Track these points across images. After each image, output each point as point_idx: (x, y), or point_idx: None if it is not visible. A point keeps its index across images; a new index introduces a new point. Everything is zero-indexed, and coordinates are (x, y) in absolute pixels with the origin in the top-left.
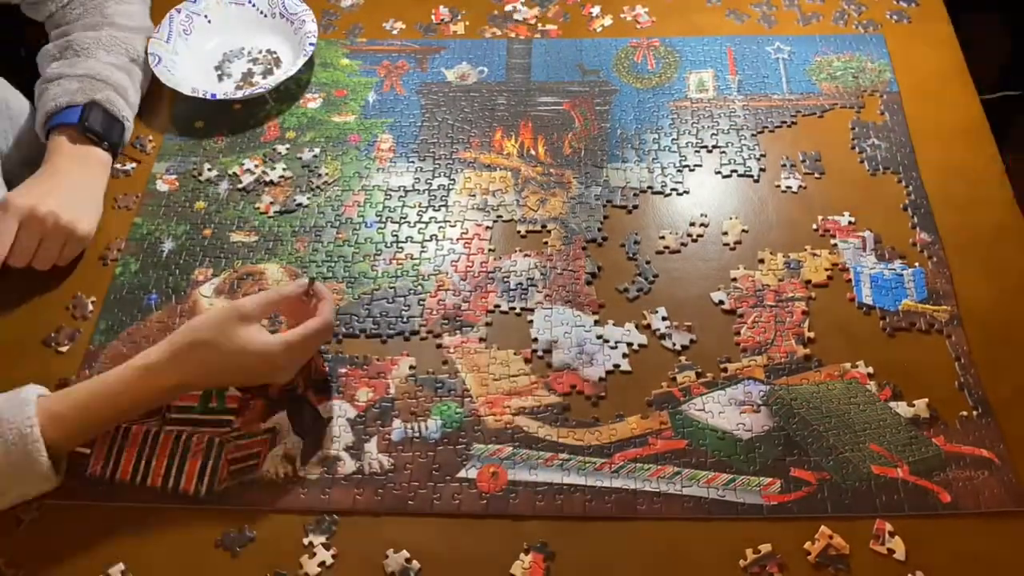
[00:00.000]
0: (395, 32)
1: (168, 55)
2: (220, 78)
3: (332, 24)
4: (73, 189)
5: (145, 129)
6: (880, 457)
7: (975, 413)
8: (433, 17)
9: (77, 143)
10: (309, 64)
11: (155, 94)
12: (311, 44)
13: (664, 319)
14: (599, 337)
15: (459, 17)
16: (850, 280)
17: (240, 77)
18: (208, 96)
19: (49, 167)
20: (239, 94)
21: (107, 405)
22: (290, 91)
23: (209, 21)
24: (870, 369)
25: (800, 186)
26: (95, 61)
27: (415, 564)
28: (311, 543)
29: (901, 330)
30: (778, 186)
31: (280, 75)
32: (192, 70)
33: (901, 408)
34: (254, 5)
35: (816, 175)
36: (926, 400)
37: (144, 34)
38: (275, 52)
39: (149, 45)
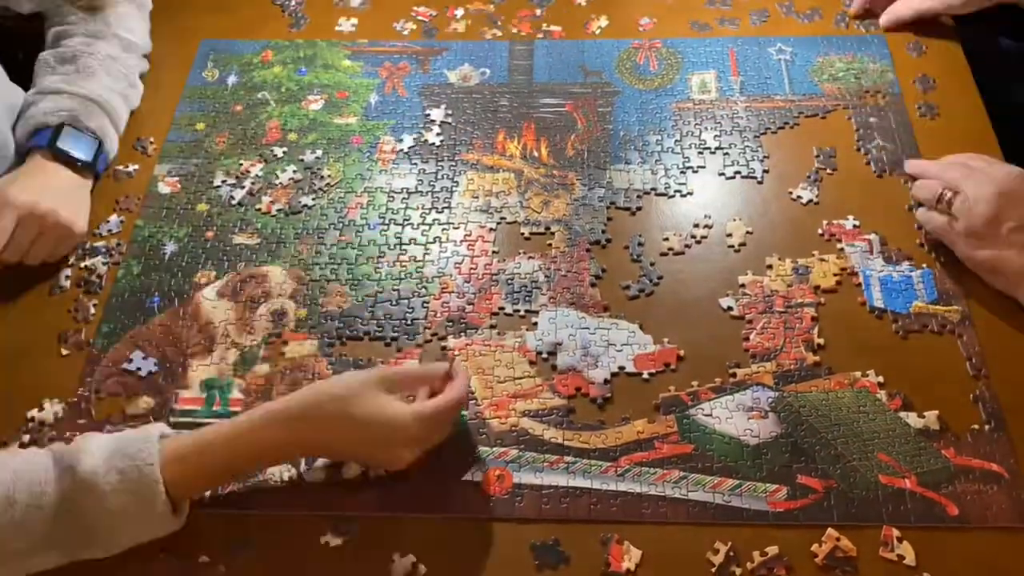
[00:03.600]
0: (404, 32)
1: None
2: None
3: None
4: (66, 188)
5: (147, 131)
6: (888, 467)
7: (987, 427)
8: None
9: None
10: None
11: (156, 96)
12: None
13: None
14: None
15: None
16: (859, 284)
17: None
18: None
19: (36, 165)
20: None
21: (226, 447)
22: (292, 93)
23: None
24: (880, 378)
25: (811, 200)
26: (97, 84)
27: (421, 568)
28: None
29: (914, 332)
30: (791, 193)
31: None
32: None
33: (911, 419)
34: None
35: (829, 172)
36: (936, 412)
37: (142, 52)
38: None
39: None
